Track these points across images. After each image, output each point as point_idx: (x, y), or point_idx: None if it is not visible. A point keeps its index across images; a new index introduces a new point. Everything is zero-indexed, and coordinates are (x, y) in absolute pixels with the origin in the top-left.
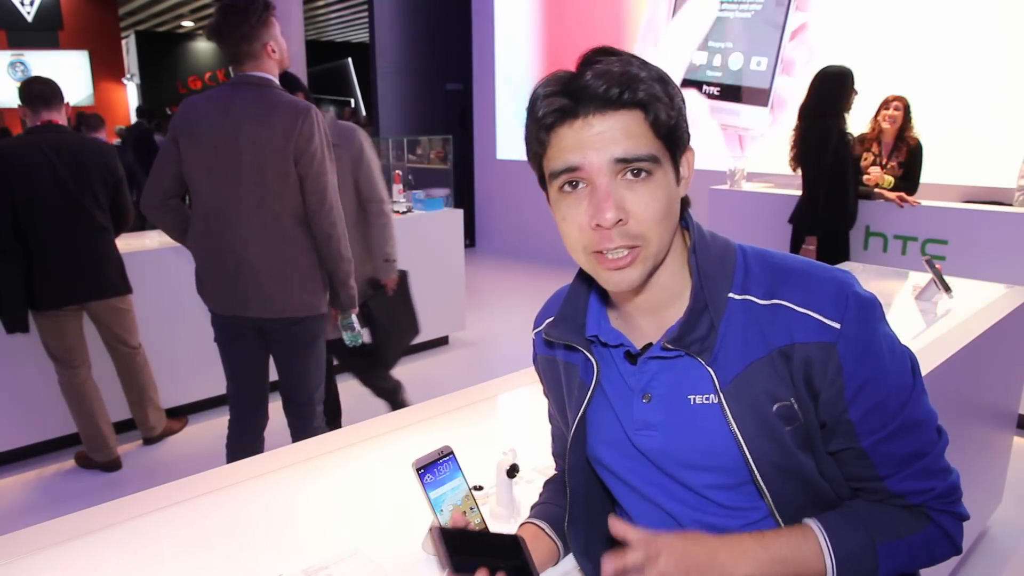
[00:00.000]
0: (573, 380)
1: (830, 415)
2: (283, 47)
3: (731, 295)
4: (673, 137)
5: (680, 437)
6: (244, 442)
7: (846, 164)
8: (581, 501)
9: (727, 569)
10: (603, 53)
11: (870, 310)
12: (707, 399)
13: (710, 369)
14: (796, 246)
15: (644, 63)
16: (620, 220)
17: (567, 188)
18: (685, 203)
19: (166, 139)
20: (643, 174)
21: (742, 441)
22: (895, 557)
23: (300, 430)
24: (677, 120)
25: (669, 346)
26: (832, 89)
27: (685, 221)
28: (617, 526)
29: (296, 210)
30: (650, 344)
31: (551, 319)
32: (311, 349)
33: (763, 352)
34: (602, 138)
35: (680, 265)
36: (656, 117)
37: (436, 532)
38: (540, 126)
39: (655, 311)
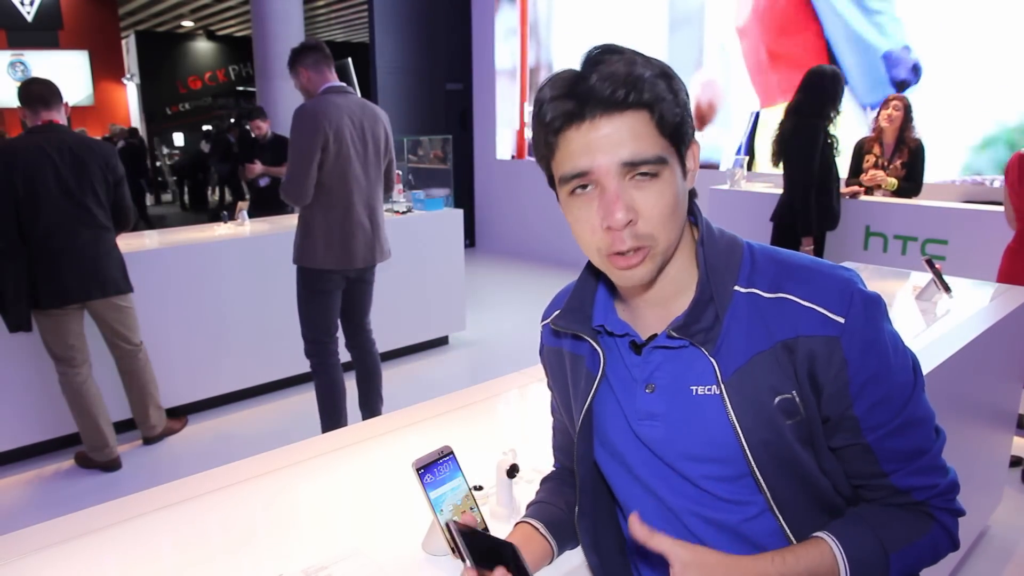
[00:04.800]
0: (579, 371)
1: (834, 410)
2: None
3: (737, 288)
4: (679, 133)
5: (681, 427)
6: (332, 351)
7: (830, 165)
8: (590, 492)
9: None
10: (607, 52)
11: (874, 307)
12: (709, 390)
13: (713, 360)
14: (779, 244)
15: (648, 60)
16: (630, 221)
17: (577, 191)
18: (691, 194)
19: (311, 143)
20: (651, 176)
21: (740, 433)
22: (905, 563)
23: (368, 351)
24: (683, 116)
25: (674, 334)
26: (823, 89)
27: (693, 216)
28: (638, 529)
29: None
30: (655, 335)
31: (559, 311)
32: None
33: (767, 345)
34: (609, 140)
35: (688, 259)
36: (662, 116)
37: (454, 527)
38: (548, 130)
39: (662, 303)
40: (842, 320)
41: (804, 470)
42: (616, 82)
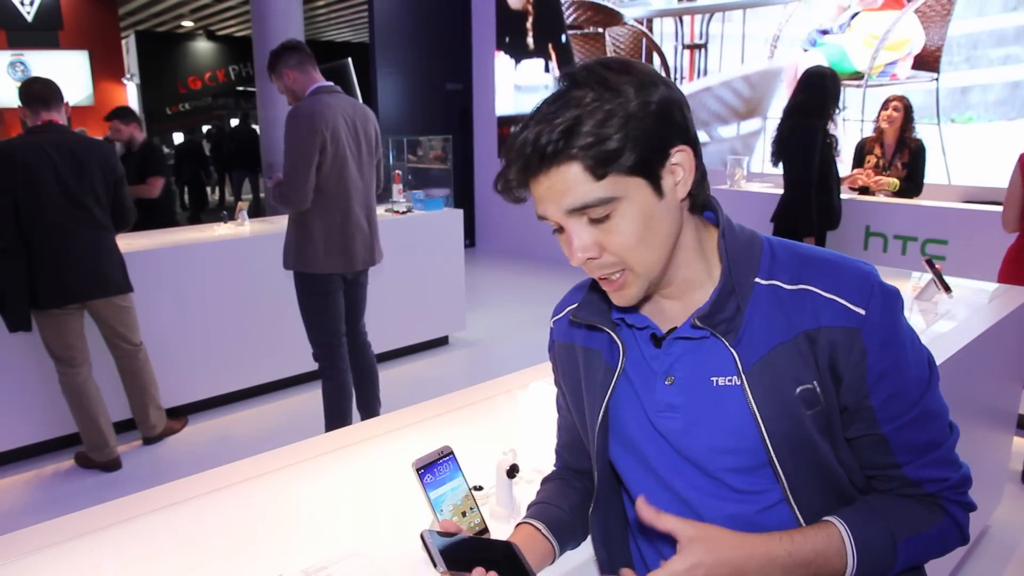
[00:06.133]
0: (596, 365)
1: (852, 400)
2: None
3: (757, 280)
4: (637, 163)
5: (701, 418)
6: (341, 355)
7: (830, 165)
8: (605, 487)
9: None
10: (548, 102)
11: (893, 301)
12: (730, 380)
13: (734, 351)
14: None
15: (599, 90)
16: (591, 256)
17: (555, 231)
18: (697, 197)
19: (309, 145)
20: (602, 215)
21: (761, 423)
22: (912, 552)
23: (365, 354)
24: (626, 143)
25: (698, 323)
26: (822, 89)
27: (711, 212)
28: (645, 510)
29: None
30: (675, 327)
31: (575, 304)
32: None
33: (788, 336)
34: (551, 192)
35: (700, 255)
36: (594, 161)
37: (426, 535)
38: (517, 185)
39: (680, 297)
40: (863, 312)
41: (822, 460)
42: (528, 144)
